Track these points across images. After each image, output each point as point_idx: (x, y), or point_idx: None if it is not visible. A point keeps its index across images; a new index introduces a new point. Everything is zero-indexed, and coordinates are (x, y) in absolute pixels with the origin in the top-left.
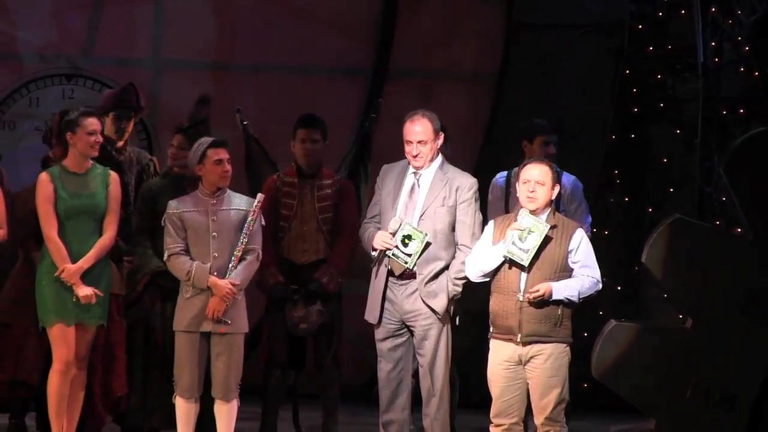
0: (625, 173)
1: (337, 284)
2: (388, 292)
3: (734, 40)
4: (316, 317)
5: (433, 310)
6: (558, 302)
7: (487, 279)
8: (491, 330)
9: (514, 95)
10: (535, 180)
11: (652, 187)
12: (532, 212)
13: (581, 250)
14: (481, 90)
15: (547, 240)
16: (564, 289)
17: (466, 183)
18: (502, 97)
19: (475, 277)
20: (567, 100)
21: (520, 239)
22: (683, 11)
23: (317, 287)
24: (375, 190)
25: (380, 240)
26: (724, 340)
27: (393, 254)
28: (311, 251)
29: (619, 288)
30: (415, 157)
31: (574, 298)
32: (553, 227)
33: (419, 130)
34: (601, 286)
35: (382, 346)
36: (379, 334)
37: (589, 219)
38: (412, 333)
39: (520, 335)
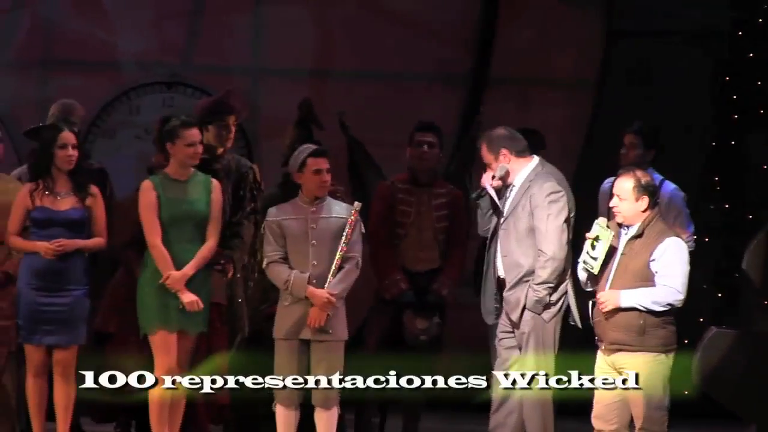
0: (725, 180)
1: (454, 296)
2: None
3: None
4: (435, 330)
5: (509, 319)
6: (636, 310)
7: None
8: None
9: (612, 102)
10: (615, 193)
11: (751, 193)
12: (620, 224)
13: (664, 258)
14: (579, 97)
15: (628, 248)
16: (633, 297)
17: (540, 189)
18: (601, 104)
19: (584, 288)
20: (666, 107)
21: (592, 247)
22: None
23: (437, 299)
24: None
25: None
26: None
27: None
28: (427, 260)
29: (719, 295)
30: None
31: (643, 306)
32: (637, 236)
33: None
34: (681, 296)
35: (498, 346)
36: (496, 335)
37: (692, 228)
38: None
39: (603, 343)
